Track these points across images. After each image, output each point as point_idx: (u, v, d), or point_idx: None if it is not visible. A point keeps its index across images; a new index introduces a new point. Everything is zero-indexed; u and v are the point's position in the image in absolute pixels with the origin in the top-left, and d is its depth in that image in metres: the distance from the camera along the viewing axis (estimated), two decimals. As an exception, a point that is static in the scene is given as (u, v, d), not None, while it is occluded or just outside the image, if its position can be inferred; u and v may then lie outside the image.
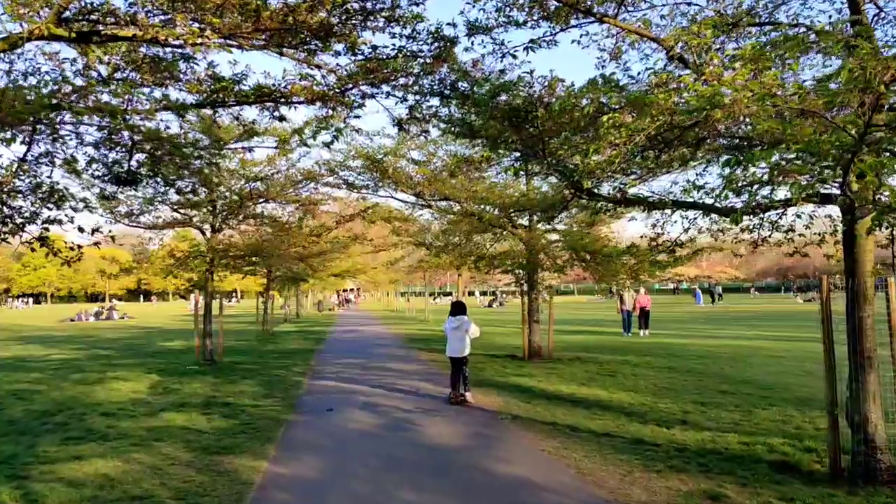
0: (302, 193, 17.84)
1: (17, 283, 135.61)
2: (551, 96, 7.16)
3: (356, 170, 17.64)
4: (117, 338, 31.01)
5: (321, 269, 36.15)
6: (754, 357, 18.14)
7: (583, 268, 17.24)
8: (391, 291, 79.53)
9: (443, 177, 16.39)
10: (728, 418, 10.14)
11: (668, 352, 19.78)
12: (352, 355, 20.09)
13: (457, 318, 12.13)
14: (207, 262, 17.01)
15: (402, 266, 39.32)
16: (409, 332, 30.81)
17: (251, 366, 17.30)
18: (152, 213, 17.76)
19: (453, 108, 8.54)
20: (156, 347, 24.33)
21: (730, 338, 24.90)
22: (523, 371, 15.59)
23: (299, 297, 54.05)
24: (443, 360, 17.81)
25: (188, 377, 15.06)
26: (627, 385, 13.39)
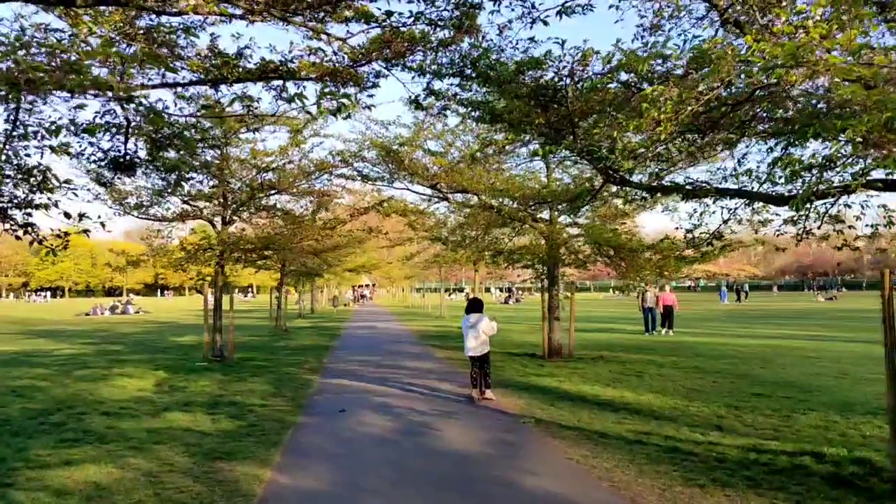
0: (315, 185, 17.27)
1: (35, 278, 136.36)
2: (584, 71, 6.49)
3: (371, 161, 17.04)
4: (129, 332, 30.65)
5: (336, 263, 35.62)
6: (785, 357, 17.39)
7: (606, 263, 16.55)
8: (406, 287, 79.08)
9: (460, 168, 15.74)
10: (766, 423, 9.45)
11: (694, 351, 19.05)
12: (366, 352, 19.51)
13: (474, 315, 11.55)
14: (217, 255, 16.45)
15: (417, 261, 38.69)
16: (425, 329, 30.22)
17: (262, 363, 16.75)
18: (162, 205, 17.25)
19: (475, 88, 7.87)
20: (167, 343, 23.86)
21: (756, 337, 24.12)
22: (544, 371, 14.93)
23: (314, 293, 53.58)
24: (460, 359, 17.20)
25: (196, 374, 14.52)
26: (655, 386, 12.70)
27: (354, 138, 16.57)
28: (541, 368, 15.31)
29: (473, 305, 11.78)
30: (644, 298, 26.34)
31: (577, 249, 16.73)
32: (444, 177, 15.64)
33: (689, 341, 22.36)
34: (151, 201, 17.04)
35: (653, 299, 26.20)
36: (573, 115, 6.74)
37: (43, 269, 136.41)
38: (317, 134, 16.39)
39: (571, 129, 6.87)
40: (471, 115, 9.56)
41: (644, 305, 26.45)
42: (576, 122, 6.86)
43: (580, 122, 6.97)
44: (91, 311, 55.84)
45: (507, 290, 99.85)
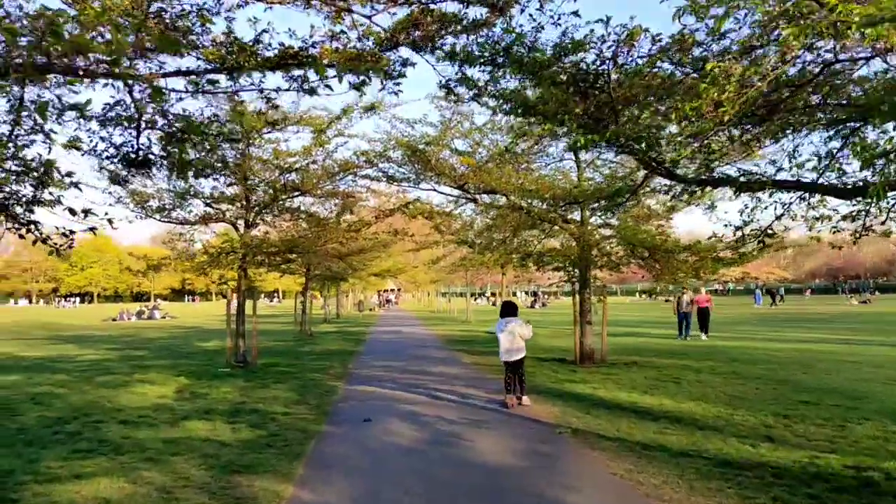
0: (340, 186, 16.86)
1: (64, 283, 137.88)
2: (629, 53, 5.96)
3: (396, 161, 16.59)
4: (155, 337, 30.49)
5: (361, 267, 35.25)
6: (824, 362, 16.68)
7: (639, 265, 15.95)
8: (432, 291, 78.66)
9: (489, 167, 15.24)
10: (819, 434, 8.84)
11: (729, 356, 18.38)
12: (392, 357, 19.06)
13: (508, 319, 11.09)
14: (240, 258, 16.09)
15: (443, 265, 38.17)
16: (451, 334, 29.73)
17: (286, 368, 16.35)
18: (185, 208, 16.94)
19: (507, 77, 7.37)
20: (191, 348, 23.60)
21: (790, 341, 23.34)
22: (577, 376, 14.36)
23: (340, 298, 53.33)
24: (488, 364, 16.70)
25: (218, 380, 14.14)
26: (694, 393, 12.10)
27: (379, 138, 16.16)
28: (573, 374, 14.76)
29: (508, 309, 11.32)
30: (680, 302, 25.55)
31: (610, 251, 16.15)
32: (472, 177, 15.14)
33: (723, 346, 21.67)
34: (174, 204, 16.73)
35: (688, 303, 25.38)
36: (616, 102, 6.22)
37: (72, 275, 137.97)
38: (341, 133, 15.97)
39: (614, 117, 6.35)
40: (501, 108, 9.07)
41: (679, 310, 25.60)
42: (618, 110, 6.34)
43: (623, 110, 6.45)
44: (118, 316, 56.02)
45: (533, 293, 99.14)
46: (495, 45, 6.90)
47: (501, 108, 8.91)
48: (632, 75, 5.87)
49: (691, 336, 24.90)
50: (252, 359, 16.84)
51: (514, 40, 6.86)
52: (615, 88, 6.16)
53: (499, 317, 11.45)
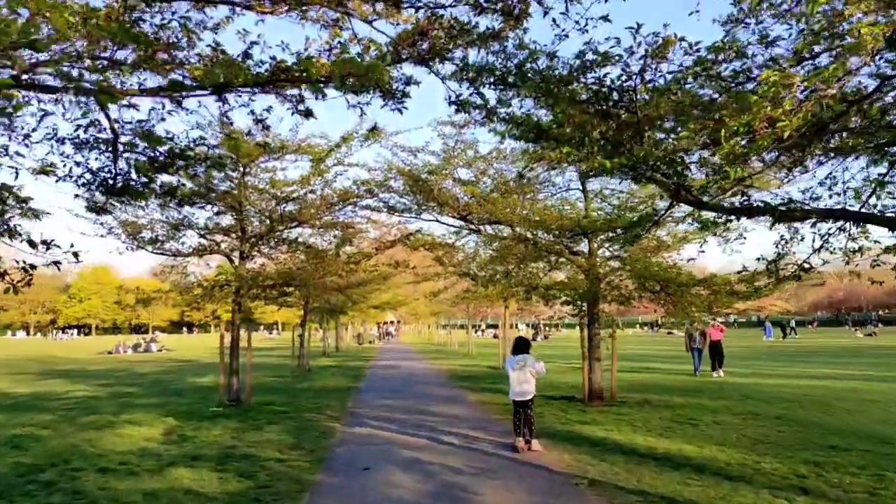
0: (339, 217, 16.23)
1: (63, 315, 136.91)
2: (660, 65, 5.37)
3: (397, 191, 15.99)
4: (148, 372, 29.73)
5: (360, 300, 34.54)
6: (847, 401, 15.97)
7: (651, 299, 15.27)
8: (432, 324, 77.78)
9: (493, 197, 14.64)
10: (858, 485, 8.14)
11: (743, 393, 17.66)
12: (392, 395, 18.30)
13: (520, 356, 10.46)
14: (234, 291, 15.44)
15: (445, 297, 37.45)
16: (453, 368, 28.95)
17: (281, 407, 15.60)
18: (178, 240, 16.32)
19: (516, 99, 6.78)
20: (184, 384, 22.85)
21: (805, 377, 22.62)
22: (587, 417, 13.63)
23: (339, 330, 52.46)
24: (494, 403, 15.96)
25: (209, 422, 13.40)
26: (714, 436, 11.37)
27: (380, 167, 15.56)
28: (583, 414, 14.02)
29: (520, 345, 10.68)
30: (692, 338, 24.46)
31: (619, 284, 15.49)
32: (476, 207, 14.54)
33: (735, 382, 20.96)
34: (168, 235, 16.12)
35: (700, 338, 24.22)
36: (642, 122, 5.62)
37: (71, 307, 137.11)
38: (340, 162, 15.40)
39: (639, 139, 5.75)
40: (511, 133, 8.48)
41: (692, 345, 24.43)
42: (643, 132, 5.74)
43: (649, 132, 5.85)
44: (114, 349, 55.20)
45: (534, 326, 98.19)
46: (506, 62, 6.32)
47: (511, 132, 8.33)
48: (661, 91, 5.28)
49: (701, 372, 23.96)
50: (246, 397, 16.10)
51: (528, 57, 6.28)
52: (641, 107, 5.57)
53: (510, 353, 10.80)
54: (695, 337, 24.26)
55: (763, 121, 4.10)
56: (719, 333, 24.46)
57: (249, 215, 15.67)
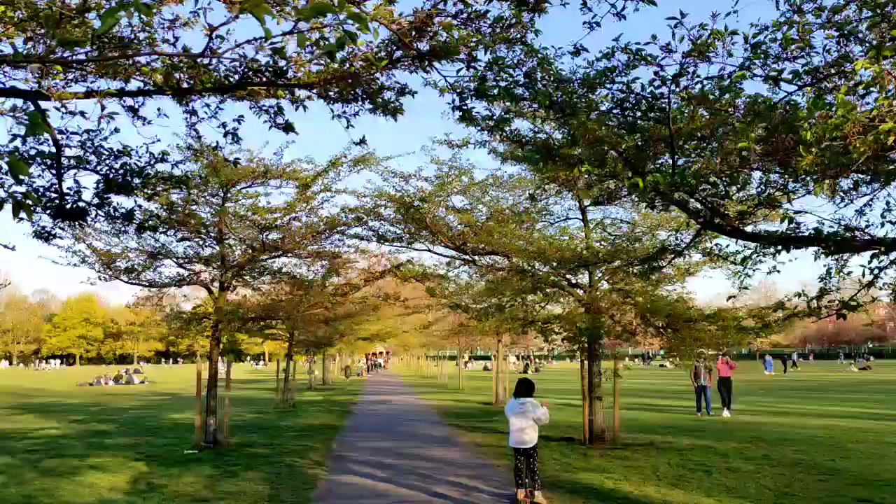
0: (325, 246, 15.30)
1: (47, 344, 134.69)
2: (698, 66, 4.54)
3: (388, 219, 15.12)
4: (126, 407, 28.57)
5: (348, 332, 33.53)
6: (862, 443, 15.11)
7: (655, 335, 14.37)
8: (421, 355, 76.54)
9: (489, 226, 13.79)
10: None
11: (753, 434, 16.75)
12: (380, 435, 17.27)
13: (522, 400, 9.48)
14: (212, 325, 14.48)
15: (436, 330, 36.39)
16: (444, 404, 27.89)
17: (261, 449, 14.56)
18: (155, 269, 15.38)
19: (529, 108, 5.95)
20: (162, 421, 21.74)
21: (813, 415, 21.73)
22: (591, 463, 12.66)
23: (326, 363, 51.18)
24: (490, 446, 14.98)
25: (181, 467, 12.33)
26: (732, 487, 10.43)
27: (370, 193, 14.66)
28: (586, 459, 13.04)
29: (522, 388, 9.68)
30: (697, 374, 22.37)
31: (621, 319, 14.60)
32: (472, 236, 13.68)
33: (740, 421, 20.05)
34: (145, 265, 15.17)
35: (706, 375, 22.33)
36: (676, 136, 4.79)
37: (55, 336, 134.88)
38: (327, 189, 14.53)
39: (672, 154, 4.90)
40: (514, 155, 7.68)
41: (697, 383, 22.44)
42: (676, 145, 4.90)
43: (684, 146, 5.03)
44: (94, 381, 53.80)
45: (524, 358, 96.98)
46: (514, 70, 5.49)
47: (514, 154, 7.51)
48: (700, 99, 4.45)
49: (711, 411, 22.12)
50: (224, 438, 15.04)
51: (540, 64, 5.45)
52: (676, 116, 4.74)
53: (512, 396, 9.81)
54: (700, 373, 22.30)
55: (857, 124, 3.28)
56: (728, 369, 22.90)
57: (230, 243, 14.76)
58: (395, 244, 15.94)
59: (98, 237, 14.74)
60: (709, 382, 22.42)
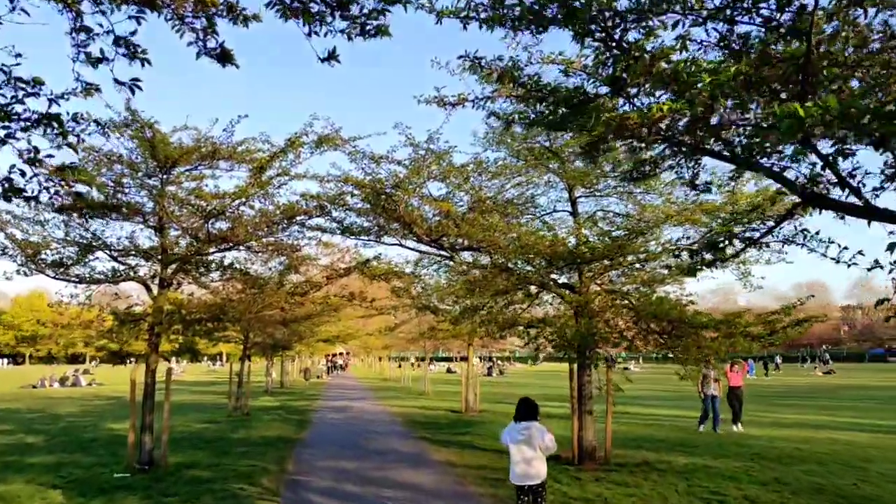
0: (282, 238, 13.34)
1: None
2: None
3: (355, 209, 13.26)
4: (64, 413, 26.26)
5: (308, 334, 31.53)
6: (873, 461, 13.82)
7: (655, 342, 12.73)
8: (383, 357, 74.53)
9: (471, 217, 12.05)
10: None
11: (751, 450, 15.31)
12: (342, 451, 15.43)
13: (525, 425, 7.64)
14: (148, 327, 12.50)
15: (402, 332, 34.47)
16: (409, 412, 26.05)
17: (205, 472, 12.62)
18: (85, 264, 13.35)
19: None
20: (99, 432, 19.60)
21: (806, 426, 20.48)
22: (588, 490, 10.98)
23: (284, 365, 48.88)
24: (466, 465, 13.24)
25: (103, 498, 10.37)
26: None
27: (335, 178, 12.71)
28: (580, 486, 11.35)
29: (525, 410, 7.74)
30: (706, 382, 19.50)
31: (618, 324, 12.98)
32: (452, 228, 11.90)
33: (729, 432, 18.61)
34: (77, 258, 13.13)
35: (715, 384, 19.61)
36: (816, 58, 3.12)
37: (4, 335, 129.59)
38: (285, 173, 12.60)
39: (804, 85, 3.25)
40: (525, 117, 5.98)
41: (705, 392, 19.60)
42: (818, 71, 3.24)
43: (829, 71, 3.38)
44: (38, 382, 50.85)
45: (487, 359, 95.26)
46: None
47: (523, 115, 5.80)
48: None
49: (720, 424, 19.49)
50: (162, 457, 13.07)
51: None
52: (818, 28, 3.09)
53: (513, 420, 7.86)
54: (709, 381, 19.43)
55: None
56: (739, 378, 20.28)
57: (171, 234, 12.79)
58: (362, 238, 14.07)
59: (17, 224, 12.74)
60: (717, 391, 19.73)
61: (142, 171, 11.84)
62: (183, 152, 11.51)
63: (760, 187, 12.91)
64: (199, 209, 11.77)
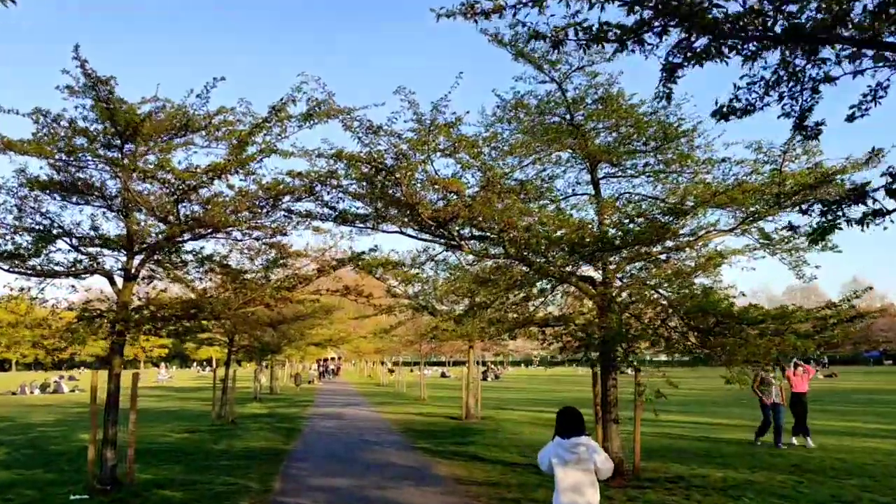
0: (266, 223, 11.58)
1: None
2: None
3: (349, 191, 11.57)
4: (37, 423, 24.58)
5: (298, 337, 29.79)
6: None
7: (697, 341, 11.08)
8: (376, 361, 72.74)
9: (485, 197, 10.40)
10: None
11: (789, 462, 13.76)
12: (335, 465, 13.77)
13: (574, 441, 5.86)
14: (110, 326, 10.79)
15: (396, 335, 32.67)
16: (407, 419, 24.39)
17: (176, 491, 10.91)
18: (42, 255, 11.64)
19: None
20: (68, 443, 17.95)
21: (838, 433, 18.89)
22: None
23: (274, 370, 46.90)
24: (477, 482, 11.59)
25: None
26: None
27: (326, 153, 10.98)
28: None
29: (571, 423, 5.89)
30: (765, 389, 16.39)
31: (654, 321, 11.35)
32: (464, 210, 10.23)
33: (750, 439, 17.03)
34: (34, 249, 11.41)
35: (777, 390, 16.39)
36: None
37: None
38: (270, 149, 10.87)
39: None
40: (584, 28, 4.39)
41: (768, 400, 16.29)
42: None
43: None
44: (18, 389, 49.05)
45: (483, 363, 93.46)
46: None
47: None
48: None
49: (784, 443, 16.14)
50: (128, 474, 11.37)
51: None
52: None
53: (556, 434, 5.97)
54: (769, 385, 16.36)
55: None
56: (804, 382, 16.85)
57: (138, 217, 11.07)
58: (358, 225, 12.37)
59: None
60: (781, 399, 16.39)
61: (100, 141, 10.14)
62: (148, 119, 9.81)
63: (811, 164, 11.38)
64: (166, 184, 10.01)
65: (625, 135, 12.22)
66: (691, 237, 11.45)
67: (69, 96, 10.20)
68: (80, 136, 9.91)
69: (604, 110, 11.84)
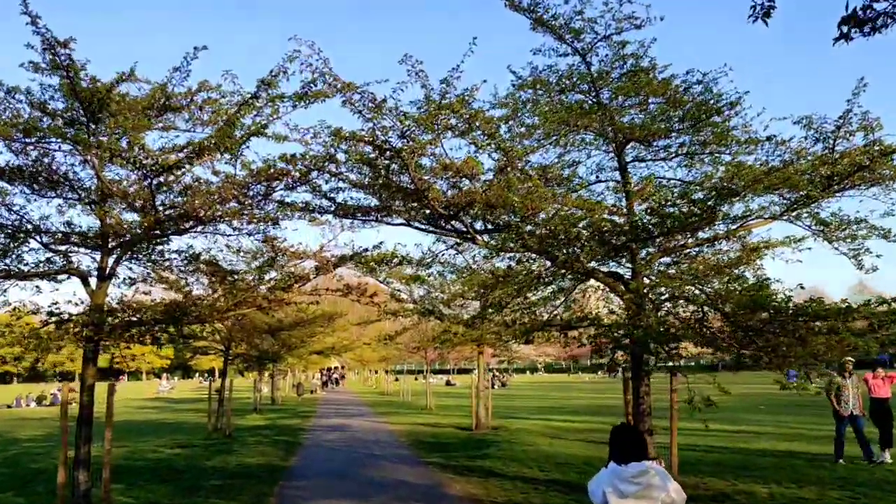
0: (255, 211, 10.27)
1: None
2: None
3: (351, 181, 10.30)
4: (24, 438, 23.35)
5: (298, 345, 28.49)
6: None
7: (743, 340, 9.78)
8: (380, 369, 71.39)
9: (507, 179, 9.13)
10: None
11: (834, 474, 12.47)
12: (339, 483, 12.49)
13: (638, 468, 4.55)
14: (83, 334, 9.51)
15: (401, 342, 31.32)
16: (414, 430, 23.05)
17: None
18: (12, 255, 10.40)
19: None
20: (50, 461, 16.56)
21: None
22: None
23: (275, 380, 45.44)
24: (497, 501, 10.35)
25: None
26: None
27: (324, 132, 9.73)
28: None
29: (631, 444, 4.59)
30: (841, 396, 14.20)
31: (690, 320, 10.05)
32: (480, 195, 8.97)
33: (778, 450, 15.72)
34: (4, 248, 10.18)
35: (856, 399, 14.17)
36: None
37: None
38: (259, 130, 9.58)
39: None
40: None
41: (846, 412, 14.08)
42: None
43: None
44: (14, 402, 47.91)
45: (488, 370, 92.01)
46: None
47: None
48: None
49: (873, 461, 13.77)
50: (104, 497, 10.10)
51: None
52: None
53: (610, 459, 4.65)
54: (847, 395, 14.13)
55: None
56: (886, 387, 14.75)
57: (111, 209, 9.80)
58: (360, 218, 11.10)
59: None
60: (859, 410, 14.19)
61: (63, 117, 8.89)
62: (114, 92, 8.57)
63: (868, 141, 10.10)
64: (139, 165, 8.70)
65: (656, 112, 10.96)
66: (733, 224, 10.18)
67: (35, 73, 9.01)
68: (38, 111, 8.68)
69: (632, 85, 10.58)
